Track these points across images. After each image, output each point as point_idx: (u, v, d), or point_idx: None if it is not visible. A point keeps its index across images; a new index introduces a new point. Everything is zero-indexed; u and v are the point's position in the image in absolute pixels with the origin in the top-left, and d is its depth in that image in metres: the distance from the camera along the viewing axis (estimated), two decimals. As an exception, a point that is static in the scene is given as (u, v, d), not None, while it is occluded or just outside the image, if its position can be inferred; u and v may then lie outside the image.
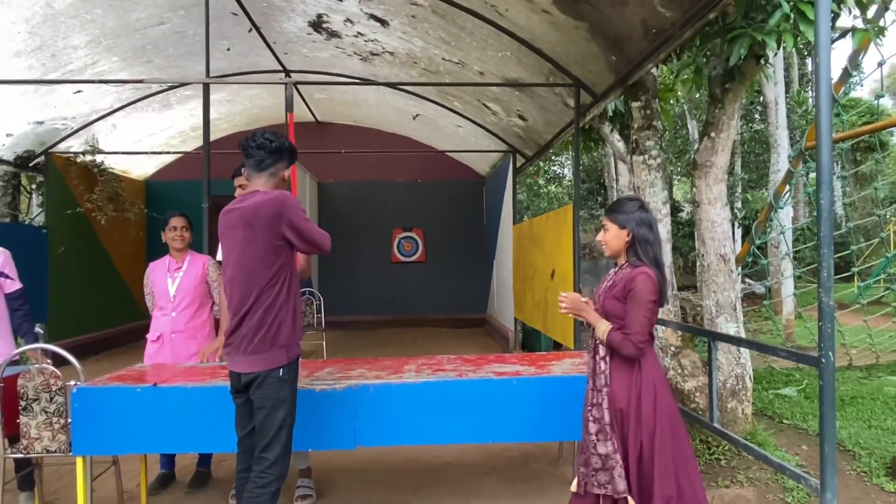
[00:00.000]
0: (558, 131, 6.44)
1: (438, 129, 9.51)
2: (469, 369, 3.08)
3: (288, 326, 2.31)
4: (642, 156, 4.56)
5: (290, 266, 2.34)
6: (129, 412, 2.73)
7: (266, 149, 2.39)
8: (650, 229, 2.26)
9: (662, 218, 4.52)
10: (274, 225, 2.27)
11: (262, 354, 2.27)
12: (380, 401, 2.78)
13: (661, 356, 4.52)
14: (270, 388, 2.26)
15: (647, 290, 2.16)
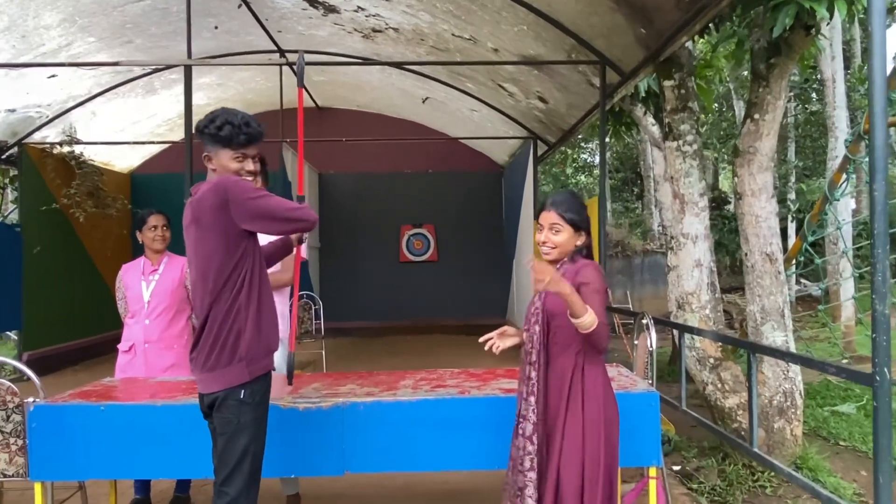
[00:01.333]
0: (583, 114, 6.37)
1: (450, 113, 9.46)
2: (473, 385, 3.03)
3: (249, 336, 2.21)
4: (676, 141, 4.48)
5: (250, 263, 2.25)
6: (92, 433, 2.72)
7: (198, 132, 2.31)
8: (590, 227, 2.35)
9: (700, 212, 4.43)
10: (221, 215, 2.17)
11: (220, 371, 2.19)
12: (371, 421, 2.74)
13: (699, 369, 4.43)
14: (230, 412, 2.18)
15: (598, 279, 2.20)
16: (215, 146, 2.29)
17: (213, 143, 2.28)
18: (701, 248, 4.43)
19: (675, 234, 4.52)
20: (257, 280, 2.27)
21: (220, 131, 2.26)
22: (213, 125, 2.26)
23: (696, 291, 4.43)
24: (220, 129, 2.26)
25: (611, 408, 2.24)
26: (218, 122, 2.26)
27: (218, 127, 2.25)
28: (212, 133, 2.26)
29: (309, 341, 7.46)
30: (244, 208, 2.18)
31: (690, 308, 4.43)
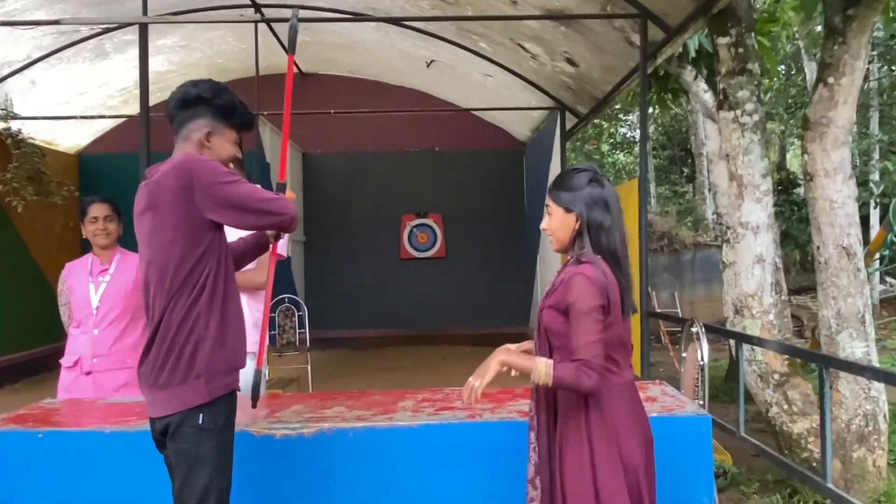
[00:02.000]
0: (621, 80, 6.33)
1: (460, 79, 9.42)
2: (486, 407, 3.01)
3: (210, 347, 2.18)
4: (733, 111, 4.45)
5: (215, 260, 2.22)
6: (29, 465, 2.73)
7: (173, 102, 2.29)
8: (605, 210, 2.21)
9: (762, 196, 4.40)
10: (182, 200, 2.15)
11: (173, 390, 2.16)
12: (362, 451, 2.73)
13: (761, 386, 4.40)
14: (187, 441, 2.15)
15: (586, 296, 2.11)
16: (219, 122, 2.33)
17: (220, 118, 2.32)
18: (763, 241, 4.39)
19: (732, 223, 4.49)
20: (223, 281, 2.25)
21: (234, 108, 2.34)
22: (223, 97, 2.32)
23: (757, 293, 4.40)
24: (234, 105, 2.34)
25: (632, 440, 2.17)
26: (227, 97, 2.32)
27: (232, 102, 2.33)
28: (222, 107, 2.31)
29: (291, 354, 7.46)
30: (211, 194, 2.16)
31: (750, 313, 4.40)
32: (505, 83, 8.70)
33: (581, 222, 2.20)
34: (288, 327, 7.61)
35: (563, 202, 2.23)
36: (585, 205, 2.20)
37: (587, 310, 2.11)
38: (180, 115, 2.30)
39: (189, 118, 2.29)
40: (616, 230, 2.20)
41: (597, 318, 2.11)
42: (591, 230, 2.19)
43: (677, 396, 3.19)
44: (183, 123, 2.30)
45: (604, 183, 2.24)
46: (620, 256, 2.20)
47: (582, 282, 2.13)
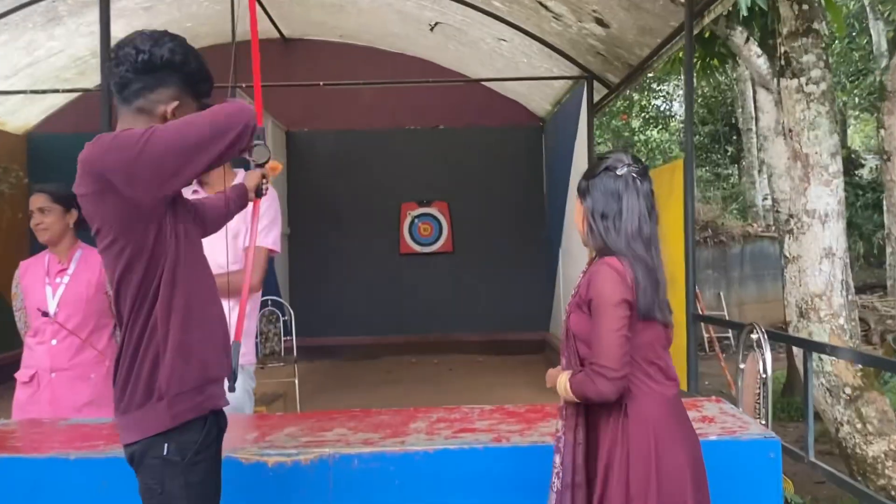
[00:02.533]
0: (660, 43, 6.29)
1: (470, 45, 9.39)
2: (513, 429, 3.00)
3: (170, 362, 2.06)
4: (797, 78, 4.43)
5: (169, 258, 2.08)
6: (-20, 498, 2.71)
7: (129, 62, 2.12)
8: (615, 199, 2.31)
9: (831, 179, 4.38)
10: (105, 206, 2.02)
11: (133, 415, 2.08)
12: (370, 481, 2.71)
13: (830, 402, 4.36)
14: (151, 476, 2.07)
15: (608, 291, 2.20)
16: (186, 93, 2.21)
17: (188, 88, 2.21)
18: (833, 231, 4.37)
19: (796, 211, 4.46)
20: (183, 282, 2.12)
21: (203, 75, 2.25)
22: (193, 61, 2.20)
23: (825, 292, 4.38)
24: (203, 72, 2.24)
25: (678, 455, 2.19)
26: (196, 60, 2.21)
27: (202, 69, 2.24)
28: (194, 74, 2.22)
29: (276, 366, 7.45)
30: (138, 173, 1.97)
31: (818, 316, 4.38)
32: (522, 49, 8.66)
33: (586, 211, 2.33)
34: (272, 334, 7.60)
35: (579, 190, 2.39)
36: (592, 194, 2.33)
37: (610, 304, 2.18)
38: (139, 81, 2.14)
39: (152, 86, 2.14)
40: (629, 222, 2.27)
41: (620, 315, 2.17)
42: (596, 220, 2.31)
43: (739, 416, 3.16)
44: (142, 92, 2.14)
45: (621, 172, 2.31)
46: (632, 254, 2.26)
47: (605, 273, 2.22)
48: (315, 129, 10.76)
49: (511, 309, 10.71)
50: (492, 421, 3.14)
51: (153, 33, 2.18)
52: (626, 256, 2.24)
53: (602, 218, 2.30)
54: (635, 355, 2.21)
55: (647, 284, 2.23)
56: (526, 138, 10.95)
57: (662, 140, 21.61)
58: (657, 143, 21.55)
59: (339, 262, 10.81)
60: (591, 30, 7.06)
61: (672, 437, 2.21)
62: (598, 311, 2.20)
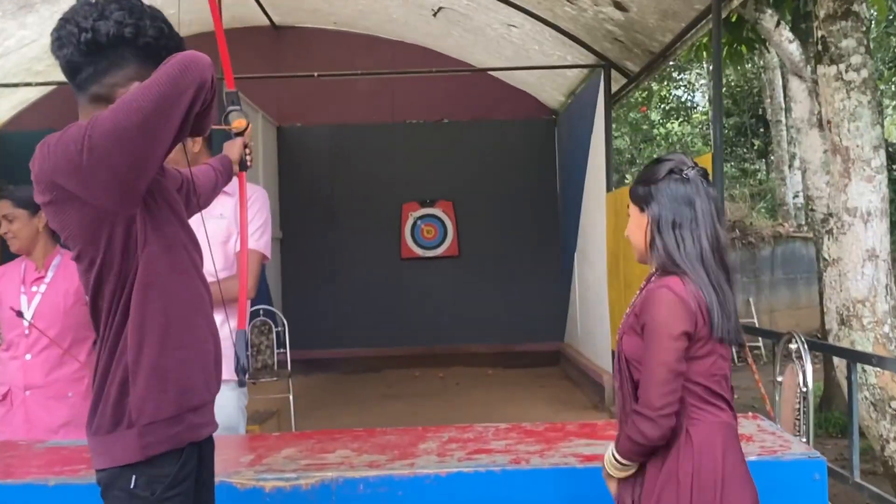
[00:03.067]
0: (684, 28, 6.30)
1: (476, 31, 9.40)
2: (533, 449, 2.97)
3: (143, 384, 1.97)
4: (835, 65, 4.41)
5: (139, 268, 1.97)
6: (-49, 529, 2.69)
7: (73, 44, 1.93)
8: (688, 206, 2.22)
9: (873, 174, 4.36)
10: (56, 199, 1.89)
11: (101, 438, 2.00)
12: (377, 508, 2.70)
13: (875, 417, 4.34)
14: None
15: (664, 318, 2.13)
16: (146, 68, 1.96)
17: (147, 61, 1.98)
18: (876, 231, 4.36)
19: (836, 209, 4.44)
20: (163, 291, 2.02)
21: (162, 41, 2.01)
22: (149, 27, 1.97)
23: (868, 298, 4.36)
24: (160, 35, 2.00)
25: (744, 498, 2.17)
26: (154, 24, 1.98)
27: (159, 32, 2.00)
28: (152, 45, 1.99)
29: (268, 381, 7.44)
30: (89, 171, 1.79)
31: (861, 323, 4.36)
32: (533, 35, 8.66)
33: (651, 221, 2.23)
34: (264, 347, 7.59)
35: (637, 198, 2.29)
36: (658, 202, 2.22)
37: (666, 335, 2.11)
38: (89, 65, 1.97)
39: (104, 68, 1.98)
40: (703, 233, 2.20)
41: (676, 348, 2.11)
42: (663, 231, 2.21)
43: (778, 433, 3.14)
44: (95, 77, 1.98)
45: (689, 175, 2.23)
46: (707, 267, 2.19)
47: (665, 297, 2.14)
48: (308, 123, 10.77)
49: (523, 318, 10.71)
50: (508, 441, 3.10)
51: (97, 3, 1.95)
52: (692, 275, 2.17)
53: (674, 228, 2.20)
54: (696, 382, 2.17)
55: (719, 305, 2.17)
56: (537, 132, 10.97)
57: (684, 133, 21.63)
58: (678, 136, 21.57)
59: (336, 268, 10.81)
60: (609, 14, 7.06)
61: (738, 473, 2.18)
62: (651, 339, 2.14)
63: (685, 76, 20.00)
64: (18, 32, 8.72)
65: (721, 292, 2.18)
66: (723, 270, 2.21)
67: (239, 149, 2.67)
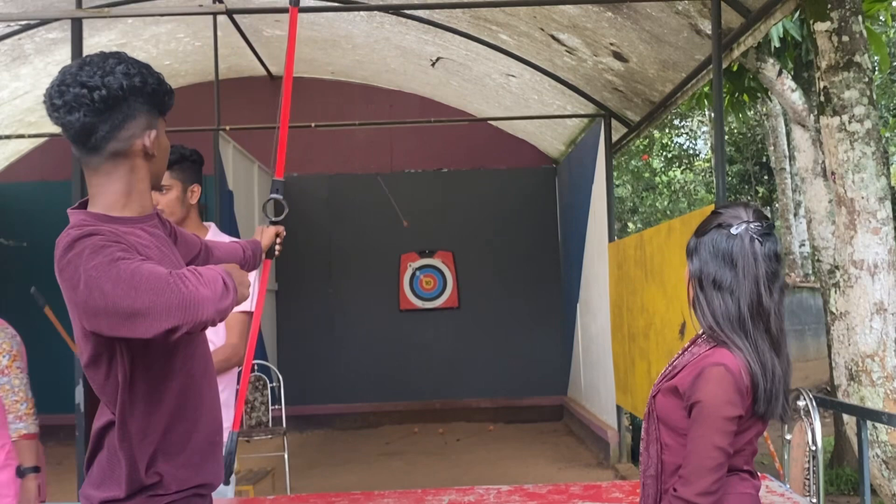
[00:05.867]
0: (684, 78, 6.36)
1: (475, 81, 9.48)
2: (536, 513, 2.93)
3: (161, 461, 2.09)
4: (838, 116, 4.43)
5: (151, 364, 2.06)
6: None
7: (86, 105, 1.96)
8: (728, 265, 2.14)
9: (880, 226, 4.37)
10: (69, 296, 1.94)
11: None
12: (375, 575, 2.65)
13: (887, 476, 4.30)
14: None
15: (719, 400, 2.04)
16: (153, 115, 2.09)
17: (153, 109, 2.09)
18: (884, 284, 4.34)
19: (842, 262, 4.44)
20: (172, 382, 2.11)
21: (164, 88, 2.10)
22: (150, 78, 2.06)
23: (877, 352, 4.34)
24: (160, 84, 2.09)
25: None
26: (152, 75, 2.07)
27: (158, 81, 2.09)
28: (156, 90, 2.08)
29: (263, 439, 7.39)
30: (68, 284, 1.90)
31: (870, 379, 4.33)
32: (532, 85, 8.74)
33: (692, 278, 2.18)
34: (258, 403, 7.55)
35: (688, 251, 2.23)
36: (700, 256, 2.17)
37: (718, 419, 2.04)
38: (105, 122, 2.00)
39: (121, 123, 2.02)
40: (743, 294, 2.12)
41: (727, 432, 2.05)
42: (705, 290, 2.15)
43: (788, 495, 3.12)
44: (112, 134, 2.02)
45: (737, 230, 2.14)
46: (749, 330, 2.11)
47: (720, 377, 2.05)
48: (305, 173, 10.81)
49: (525, 371, 10.68)
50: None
51: (92, 62, 2.00)
52: (737, 343, 2.10)
53: (714, 287, 2.14)
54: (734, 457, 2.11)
55: (765, 379, 2.08)
56: (537, 181, 11.01)
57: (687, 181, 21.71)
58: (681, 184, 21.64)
59: (333, 320, 10.78)
60: (609, 64, 7.13)
61: None
62: (703, 420, 2.05)
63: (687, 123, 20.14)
64: (12, 84, 8.81)
65: (764, 365, 2.09)
66: (768, 340, 2.13)
67: (271, 237, 2.76)
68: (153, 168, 2.14)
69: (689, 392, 2.09)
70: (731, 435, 2.05)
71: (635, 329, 6.91)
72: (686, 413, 2.10)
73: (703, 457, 2.04)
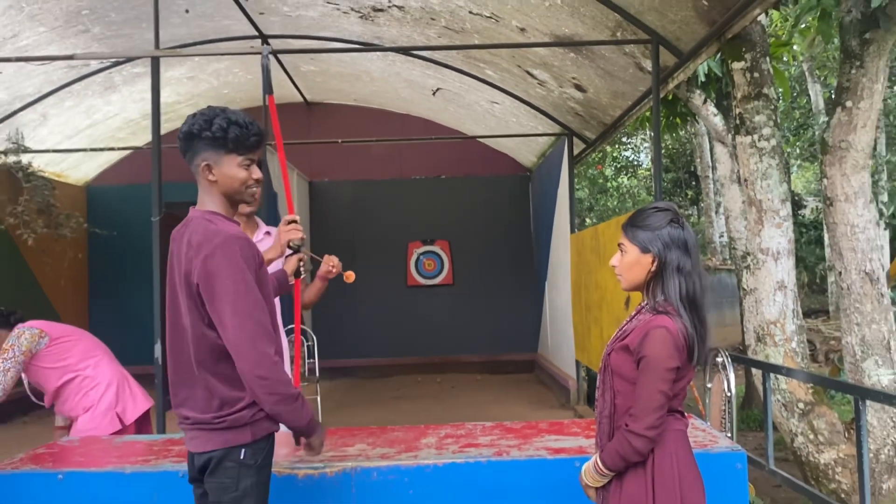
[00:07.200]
0: (630, 105, 6.32)
1: (467, 107, 9.44)
2: (512, 444, 2.95)
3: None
4: (750, 135, 4.42)
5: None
6: (48, 508, 2.66)
7: (179, 142, 2.28)
8: (685, 253, 2.11)
9: (781, 221, 4.36)
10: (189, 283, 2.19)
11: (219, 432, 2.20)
12: (387, 491, 2.67)
13: (786, 416, 4.31)
14: (227, 476, 2.19)
15: (662, 354, 2.04)
16: (217, 152, 2.24)
17: (215, 148, 2.23)
18: (784, 267, 4.34)
19: (752, 249, 4.43)
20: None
21: (226, 133, 2.21)
22: (214, 127, 2.21)
23: (779, 320, 4.34)
24: (225, 130, 2.21)
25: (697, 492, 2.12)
26: (220, 123, 2.21)
27: (223, 129, 2.21)
28: (215, 137, 2.22)
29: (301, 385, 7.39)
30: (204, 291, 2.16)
31: (773, 341, 4.33)
32: (511, 110, 8.71)
33: (658, 263, 2.12)
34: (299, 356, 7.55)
35: (640, 241, 2.14)
36: (664, 245, 2.11)
37: (661, 370, 2.04)
38: (186, 154, 2.28)
39: (191, 156, 2.26)
40: (695, 275, 2.11)
41: (668, 379, 2.05)
42: (668, 272, 2.10)
43: (708, 430, 3.11)
44: (190, 161, 2.28)
45: (684, 224, 2.14)
46: (699, 303, 2.10)
47: (662, 337, 2.04)
48: (334, 179, 10.78)
49: (504, 333, 10.65)
50: (493, 437, 3.08)
51: (194, 113, 2.27)
52: (682, 314, 2.07)
53: (677, 272, 2.09)
54: (672, 400, 2.10)
55: (699, 339, 2.08)
56: (515, 186, 10.95)
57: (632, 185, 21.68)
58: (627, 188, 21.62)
59: (355, 294, 10.73)
60: (571, 94, 7.10)
61: (692, 472, 2.14)
62: (648, 370, 2.05)
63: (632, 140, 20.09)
64: (104, 108, 8.79)
65: (703, 327, 2.10)
66: (704, 307, 2.12)
67: (294, 263, 2.81)
68: (220, 189, 2.27)
69: (637, 349, 2.08)
70: (671, 382, 2.05)
71: (590, 302, 6.91)
72: (635, 366, 2.09)
73: (649, 399, 2.04)
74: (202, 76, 8.78)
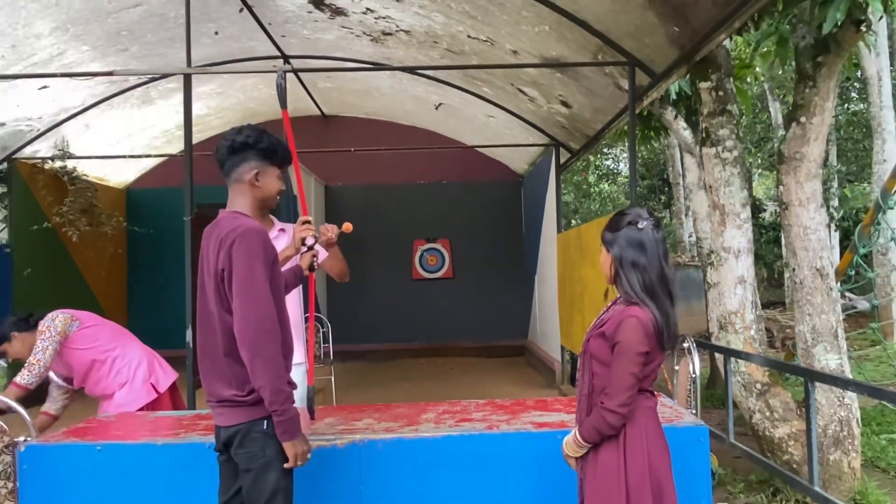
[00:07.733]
0: (610, 119, 6.31)
1: (466, 120, 9.44)
2: (502, 418, 2.96)
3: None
4: (714, 147, 4.42)
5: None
6: (88, 476, 2.67)
7: (222, 150, 2.34)
8: (640, 251, 2.15)
9: (742, 223, 4.36)
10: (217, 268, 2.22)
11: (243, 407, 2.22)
12: (390, 461, 2.68)
13: (745, 395, 4.33)
14: (254, 445, 2.20)
15: (633, 340, 2.08)
16: (264, 163, 2.34)
17: (264, 159, 2.34)
18: (744, 264, 4.34)
19: (716, 248, 4.44)
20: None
21: (276, 149, 2.35)
22: (265, 141, 2.33)
23: (739, 310, 4.34)
24: (273, 146, 2.34)
25: (663, 458, 2.15)
26: (270, 140, 2.34)
27: (273, 144, 2.34)
28: (266, 149, 2.33)
29: (317, 367, 7.39)
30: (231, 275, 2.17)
31: (734, 329, 4.34)
32: (505, 123, 8.71)
33: (615, 261, 2.18)
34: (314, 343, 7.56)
35: (605, 241, 2.23)
36: (619, 245, 2.17)
37: (632, 354, 2.07)
38: (230, 161, 2.33)
39: (238, 162, 2.32)
40: (652, 269, 2.13)
41: (638, 363, 2.08)
42: (625, 268, 2.15)
43: (675, 407, 3.13)
44: (233, 167, 2.33)
45: (642, 226, 2.16)
46: (658, 294, 2.13)
47: (633, 325, 2.08)
48: (347, 183, 10.77)
49: (498, 321, 10.65)
50: (485, 412, 3.10)
51: (238, 127, 2.36)
52: (649, 304, 2.10)
53: (633, 267, 2.14)
54: (642, 381, 2.14)
55: (666, 325, 2.11)
56: (508, 191, 10.95)
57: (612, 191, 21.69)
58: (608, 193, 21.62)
59: (366, 286, 10.76)
60: (558, 109, 7.11)
61: (659, 443, 2.16)
62: (621, 355, 2.08)
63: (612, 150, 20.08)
64: (143, 119, 8.79)
65: (668, 315, 2.13)
66: (668, 297, 2.15)
67: (308, 259, 2.81)
68: (259, 194, 2.35)
69: (612, 335, 2.11)
70: (641, 365, 2.08)
71: (574, 294, 6.92)
72: (610, 350, 2.12)
73: (622, 379, 2.07)
74: (230, 91, 8.77)
